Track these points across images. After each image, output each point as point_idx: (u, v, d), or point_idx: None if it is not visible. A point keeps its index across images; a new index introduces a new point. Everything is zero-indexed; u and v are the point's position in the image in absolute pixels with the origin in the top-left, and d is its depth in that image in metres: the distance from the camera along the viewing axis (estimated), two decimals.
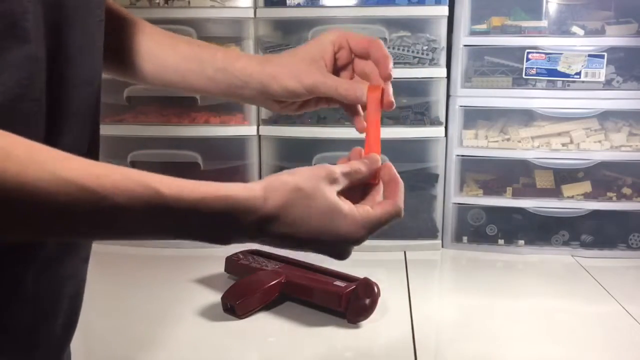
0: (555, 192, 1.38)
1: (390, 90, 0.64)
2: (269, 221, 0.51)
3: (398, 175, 0.61)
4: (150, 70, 0.69)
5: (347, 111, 0.68)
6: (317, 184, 0.53)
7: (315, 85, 0.64)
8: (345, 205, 0.55)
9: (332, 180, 0.54)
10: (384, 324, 1.01)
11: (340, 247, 0.57)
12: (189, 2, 1.33)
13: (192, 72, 0.68)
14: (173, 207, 0.45)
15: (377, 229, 0.58)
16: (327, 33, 0.67)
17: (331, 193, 0.54)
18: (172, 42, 0.69)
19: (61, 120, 0.50)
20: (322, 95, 0.65)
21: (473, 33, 1.35)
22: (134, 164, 1.38)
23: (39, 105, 0.47)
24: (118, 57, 0.68)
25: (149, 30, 0.70)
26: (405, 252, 1.36)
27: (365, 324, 1.00)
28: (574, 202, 1.36)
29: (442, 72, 1.34)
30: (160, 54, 0.68)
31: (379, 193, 0.61)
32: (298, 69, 0.64)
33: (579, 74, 1.32)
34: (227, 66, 0.67)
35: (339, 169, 0.56)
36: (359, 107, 0.68)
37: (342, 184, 0.56)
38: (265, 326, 1.00)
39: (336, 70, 0.67)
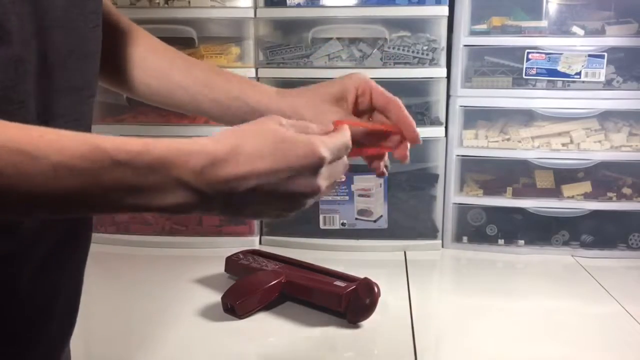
0: (555, 192, 1.38)
1: (414, 127, 0.66)
2: (218, 163, 0.47)
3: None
4: (154, 86, 0.69)
5: (366, 159, 0.70)
6: (261, 124, 0.52)
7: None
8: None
9: (278, 122, 0.53)
10: (384, 324, 1.01)
11: (303, 176, 0.51)
12: (189, 2, 1.33)
13: (204, 96, 0.68)
14: (115, 158, 0.44)
15: (334, 153, 0.53)
16: (351, 76, 0.67)
17: (277, 127, 0.52)
18: (185, 65, 0.69)
19: (49, 125, 0.50)
20: None
21: (473, 33, 1.35)
22: None
23: (25, 108, 0.47)
24: (118, 70, 0.68)
25: (157, 48, 0.70)
26: (405, 252, 1.36)
27: (365, 324, 1.00)
28: (574, 202, 1.36)
29: (442, 72, 1.34)
30: (170, 74, 0.68)
31: None
32: (318, 104, 0.65)
33: (579, 74, 1.32)
34: (241, 95, 0.67)
35: (285, 120, 0.54)
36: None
37: (289, 129, 0.53)
38: (265, 326, 1.00)
39: (357, 113, 0.68)
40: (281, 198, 0.51)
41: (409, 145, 0.68)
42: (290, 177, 0.50)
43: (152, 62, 0.68)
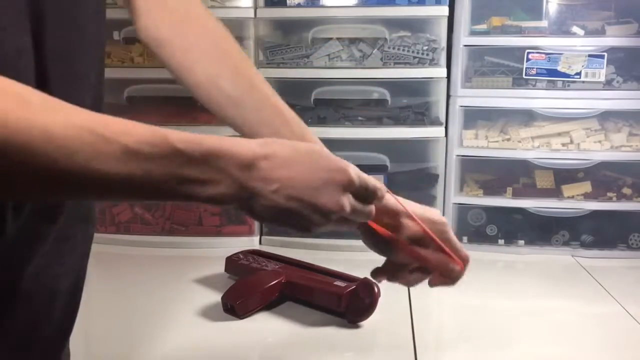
0: (555, 192, 1.38)
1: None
2: (260, 161, 0.52)
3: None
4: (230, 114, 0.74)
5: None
6: (302, 142, 0.58)
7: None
8: None
9: (318, 146, 0.61)
10: (384, 324, 1.01)
11: (329, 188, 0.55)
12: None
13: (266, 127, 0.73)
14: (176, 146, 0.46)
15: (361, 184, 0.58)
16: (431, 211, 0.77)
17: (316, 147, 0.58)
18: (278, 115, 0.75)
19: None
20: None
21: (473, 33, 1.35)
22: None
23: None
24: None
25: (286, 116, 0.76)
26: None
27: (365, 324, 1.00)
28: (574, 202, 1.36)
29: (442, 72, 1.34)
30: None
31: None
32: None
33: (579, 74, 1.32)
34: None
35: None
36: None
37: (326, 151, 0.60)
38: (265, 326, 1.00)
39: None
40: (306, 208, 0.54)
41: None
42: (317, 187, 0.54)
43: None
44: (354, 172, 0.57)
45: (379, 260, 1.32)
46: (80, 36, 0.54)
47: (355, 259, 1.33)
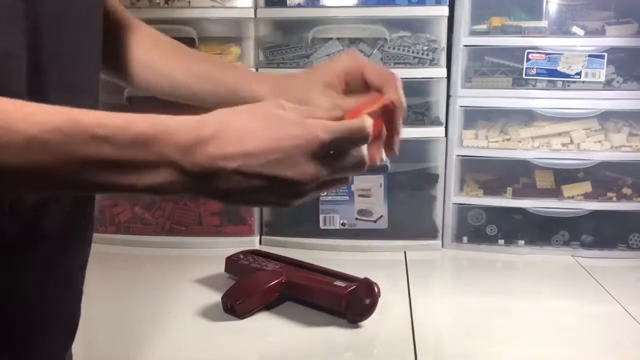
0: (555, 192, 1.38)
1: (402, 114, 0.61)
2: (204, 141, 0.45)
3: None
4: (158, 83, 0.69)
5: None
6: (260, 104, 0.50)
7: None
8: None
9: (279, 105, 0.50)
10: (384, 324, 1.01)
11: (293, 159, 0.47)
12: (189, 2, 1.33)
13: (204, 93, 0.68)
14: (94, 132, 0.42)
15: (336, 138, 0.48)
16: (340, 58, 0.65)
17: (274, 108, 0.49)
18: (184, 59, 0.69)
19: None
20: None
21: (473, 33, 1.35)
22: None
23: None
24: (121, 65, 0.68)
25: (159, 42, 0.70)
26: (405, 252, 1.36)
27: (366, 324, 1.00)
28: (574, 202, 1.36)
29: (442, 72, 1.34)
30: (173, 70, 0.68)
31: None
32: (307, 96, 0.63)
33: (579, 74, 1.32)
34: (238, 90, 0.67)
35: (290, 104, 0.50)
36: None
37: (292, 111, 0.49)
38: (265, 326, 1.00)
39: (350, 93, 0.65)
40: (272, 183, 0.47)
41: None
42: (280, 159, 0.46)
43: (150, 56, 0.69)
44: (322, 128, 0.47)
45: (379, 260, 1.32)
46: (76, 45, 0.53)
47: (355, 259, 1.33)
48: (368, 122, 0.49)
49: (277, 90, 0.65)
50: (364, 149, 0.50)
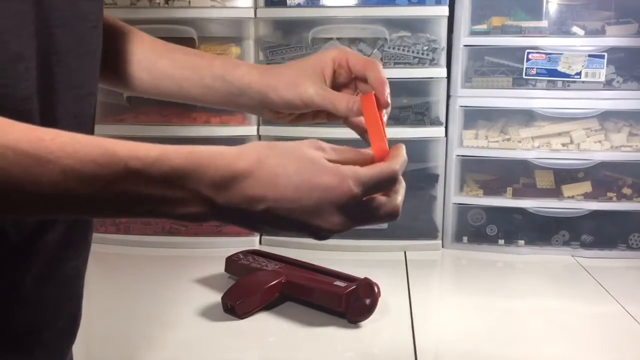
0: (555, 192, 1.38)
1: (387, 91, 0.61)
2: (239, 178, 0.46)
3: (403, 150, 0.56)
4: (145, 79, 0.68)
5: (352, 128, 0.67)
6: (297, 144, 0.50)
7: (311, 98, 0.62)
8: (329, 162, 0.50)
9: (317, 147, 0.50)
10: (384, 324, 1.01)
11: (323, 209, 0.48)
12: (189, 2, 1.33)
13: (189, 81, 0.67)
14: (129, 165, 0.42)
15: (368, 188, 0.50)
16: (329, 50, 0.66)
17: (312, 151, 0.50)
18: (168, 51, 0.68)
19: (51, 124, 0.50)
20: (318, 109, 0.64)
21: (473, 33, 1.35)
22: None
23: (29, 105, 0.47)
24: (111, 66, 0.67)
25: (144, 40, 0.69)
26: (405, 252, 1.36)
27: (366, 324, 1.00)
28: (574, 202, 1.36)
29: (442, 72, 1.34)
30: (156, 63, 0.67)
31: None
32: (296, 81, 0.63)
33: (579, 74, 1.32)
34: (226, 74, 0.66)
35: (327, 144, 0.52)
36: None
37: (329, 154, 0.51)
38: (265, 326, 1.00)
39: (337, 87, 0.66)
40: (299, 226, 0.49)
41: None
42: (312, 207, 0.48)
43: (141, 55, 0.68)
44: (357, 180, 0.48)
45: (379, 260, 1.32)
46: (79, 47, 0.53)
47: (355, 259, 1.33)
48: (399, 165, 0.52)
49: (267, 76, 0.65)
50: (398, 198, 0.52)
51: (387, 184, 0.51)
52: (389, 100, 0.61)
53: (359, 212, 0.50)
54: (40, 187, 0.40)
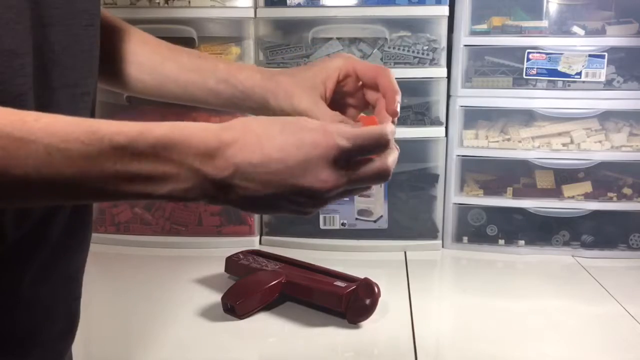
0: (555, 192, 1.38)
1: (398, 99, 0.61)
2: (225, 146, 0.45)
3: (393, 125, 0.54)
4: (148, 81, 0.68)
5: None
6: (281, 117, 0.51)
7: (304, 112, 0.62)
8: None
9: (300, 117, 0.51)
10: (384, 324, 1.01)
11: (311, 165, 0.47)
12: (189, 2, 1.33)
13: (194, 84, 0.67)
14: (114, 141, 0.42)
15: (357, 145, 0.48)
16: (335, 58, 0.65)
17: (297, 117, 0.50)
18: (172, 54, 0.68)
19: None
20: None
21: (473, 33, 1.35)
22: None
23: (24, 102, 0.47)
24: (110, 66, 0.67)
25: (147, 41, 0.69)
26: (405, 252, 1.36)
27: (366, 324, 1.00)
28: (574, 202, 1.36)
29: (442, 72, 1.34)
30: (160, 65, 0.67)
31: None
32: (293, 91, 0.63)
33: (579, 74, 1.32)
34: (230, 77, 0.66)
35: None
36: None
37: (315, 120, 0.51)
38: (265, 326, 1.00)
39: (343, 96, 0.66)
40: (291, 192, 0.47)
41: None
42: (299, 167, 0.47)
43: (143, 57, 0.68)
44: (342, 135, 0.47)
45: (379, 260, 1.32)
46: (74, 46, 0.53)
47: (355, 259, 1.33)
48: (389, 129, 0.50)
49: (269, 82, 0.65)
50: (389, 158, 0.50)
51: (376, 144, 0.50)
52: (399, 109, 0.61)
53: (349, 167, 0.49)
54: (25, 169, 0.40)
